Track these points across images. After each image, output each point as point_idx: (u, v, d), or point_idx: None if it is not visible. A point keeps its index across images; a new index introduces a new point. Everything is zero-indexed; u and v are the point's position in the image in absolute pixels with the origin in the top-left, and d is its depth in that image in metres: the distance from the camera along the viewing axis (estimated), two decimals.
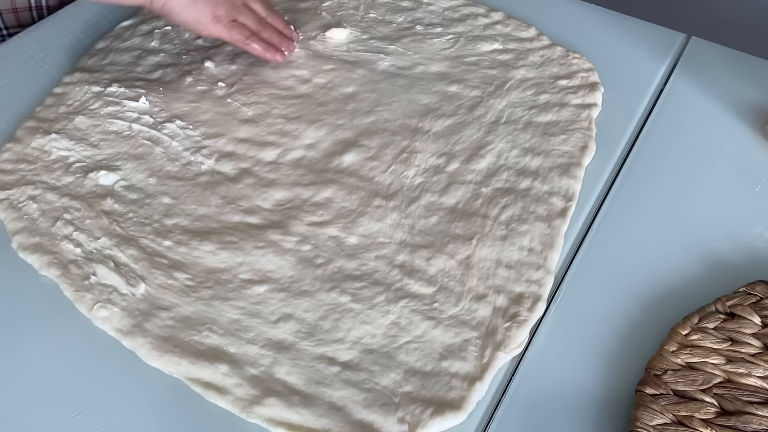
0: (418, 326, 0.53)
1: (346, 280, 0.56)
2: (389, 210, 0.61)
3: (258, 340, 0.52)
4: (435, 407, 0.48)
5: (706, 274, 0.57)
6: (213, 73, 0.73)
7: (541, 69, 0.74)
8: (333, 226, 0.59)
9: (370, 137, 0.67)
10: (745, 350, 0.50)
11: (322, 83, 0.72)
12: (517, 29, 0.78)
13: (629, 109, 0.71)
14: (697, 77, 0.74)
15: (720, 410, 0.48)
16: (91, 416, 0.49)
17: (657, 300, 0.56)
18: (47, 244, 0.57)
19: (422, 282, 0.56)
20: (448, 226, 0.60)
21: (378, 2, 0.82)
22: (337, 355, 0.51)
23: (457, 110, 0.69)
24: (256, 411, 0.48)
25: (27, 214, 0.59)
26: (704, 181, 0.64)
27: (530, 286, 0.55)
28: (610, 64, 0.74)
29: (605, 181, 0.64)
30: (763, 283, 0.54)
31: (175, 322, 0.53)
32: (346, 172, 0.64)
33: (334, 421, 0.48)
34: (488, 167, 0.64)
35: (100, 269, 0.55)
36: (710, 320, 0.52)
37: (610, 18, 0.81)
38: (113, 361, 0.51)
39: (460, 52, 0.75)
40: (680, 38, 0.78)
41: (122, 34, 0.77)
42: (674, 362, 0.50)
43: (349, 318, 0.53)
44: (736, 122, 0.69)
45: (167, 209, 0.60)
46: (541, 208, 0.61)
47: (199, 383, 0.50)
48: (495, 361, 0.51)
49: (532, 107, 0.70)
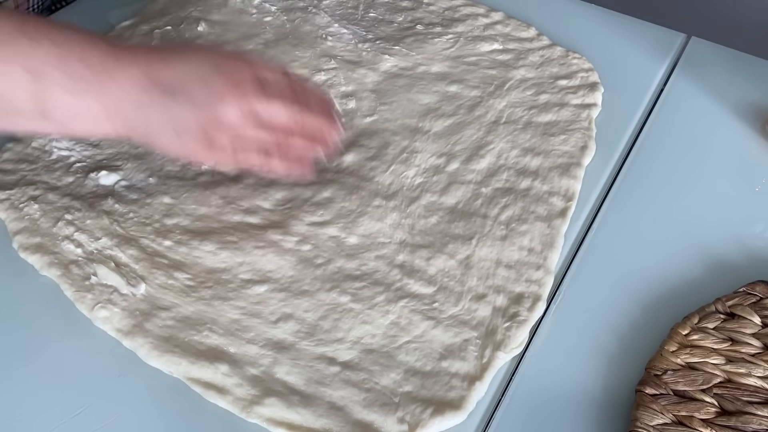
0: (418, 326, 0.53)
1: (346, 280, 0.56)
2: (389, 210, 0.61)
3: (258, 340, 0.52)
4: (435, 407, 0.48)
5: (706, 274, 0.57)
6: None
7: (541, 69, 0.74)
8: (333, 226, 0.59)
9: (370, 137, 0.67)
10: (745, 350, 0.50)
11: (322, 81, 0.72)
12: (517, 29, 0.78)
13: (629, 109, 0.71)
14: (697, 77, 0.74)
15: (720, 410, 0.48)
16: (91, 416, 0.49)
17: (657, 300, 0.56)
18: (48, 244, 0.57)
19: (422, 282, 0.56)
20: (448, 226, 0.60)
21: (378, 2, 0.82)
22: (337, 355, 0.51)
23: (457, 110, 0.69)
24: (256, 411, 0.48)
25: (28, 214, 0.59)
26: (704, 181, 0.64)
27: (530, 286, 0.55)
28: (610, 64, 0.74)
29: (605, 181, 0.65)
30: (763, 283, 0.54)
31: (176, 322, 0.53)
32: (346, 171, 0.64)
33: (334, 420, 0.48)
34: (488, 167, 0.64)
35: (101, 269, 0.55)
36: (710, 320, 0.52)
37: (610, 18, 0.81)
38: (113, 361, 0.51)
39: (460, 52, 0.76)
40: (680, 38, 0.78)
41: (122, 34, 0.77)
42: (674, 362, 0.50)
43: (349, 318, 0.53)
44: (736, 122, 0.69)
45: (168, 209, 0.60)
46: (541, 208, 0.61)
47: (199, 383, 0.50)
48: (495, 361, 0.51)
49: (532, 107, 0.70)
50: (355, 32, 0.78)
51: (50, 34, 0.48)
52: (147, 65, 0.50)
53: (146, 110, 0.50)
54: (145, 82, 0.49)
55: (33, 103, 0.48)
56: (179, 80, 0.50)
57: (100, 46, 0.50)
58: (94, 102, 0.49)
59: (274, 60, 0.74)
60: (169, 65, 0.51)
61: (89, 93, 0.48)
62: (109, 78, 0.49)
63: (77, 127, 0.51)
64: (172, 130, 0.50)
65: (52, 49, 0.48)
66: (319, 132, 0.54)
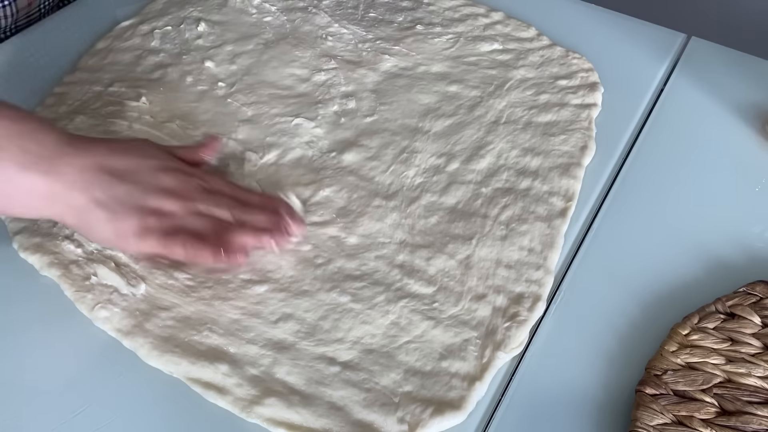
0: (417, 326, 0.53)
1: (346, 280, 0.56)
2: (389, 210, 0.61)
3: (258, 340, 0.52)
4: (435, 407, 0.48)
5: (706, 274, 0.57)
6: (213, 73, 0.73)
7: (540, 69, 0.74)
8: (333, 226, 0.59)
9: (370, 137, 0.67)
10: (745, 350, 0.51)
11: (322, 81, 0.72)
12: (517, 29, 0.78)
13: (629, 109, 0.71)
14: (697, 77, 0.74)
15: (720, 410, 0.48)
16: (91, 416, 0.49)
17: (657, 300, 0.56)
18: (48, 244, 0.57)
19: (422, 282, 0.56)
20: (448, 226, 0.60)
21: (378, 2, 0.82)
22: (337, 355, 0.51)
23: (457, 110, 0.69)
24: (256, 411, 0.48)
25: None
26: (704, 181, 0.64)
27: (530, 286, 0.55)
28: (610, 64, 0.74)
29: (605, 181, 0.65)
30: (763, 283, 0.54)
31: (176, 322, 0.53)
32: (346, 171, 0.64)
33: (334, 420, 0.48)
34: (488, 167, 0.64)
35: (101, 269, 0.55)
36: (710, 320, 0.52)
37: (610, 18, 0.81)
38: (113, 361, 0.51)
39: (460, 52, 0.76)
40: (680, 38, 0.78)
41: (122, 34, 0.77)
42: (674, 362, 0.50)
43: (349, 318, 0.53)
44: (736, 122, 0.69)
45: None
46: (541, 208, 0.61)
47: (199, 383, 0.50)
48: (495, 361, 0.51)
49: (532, 107, 0.70)
50: (355, 32, 0.78)
51: (9, 111, 0.51)
52: (99, 154, 0.53)
53: (90, 190, 0.51)
54: (95, 167, 0.52)
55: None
56: (128, 170, 0.53)
57: (54, 130, 0.52)
58: (43, 179, 0.50)
59: (274, 60, 0.74)
60: (120, 157, 0.54)
61: (38, 170, 0.50)
62: (61, 159, 0.51)
63: (18, 202, 0.52)
64: (110, 210, 0.51)
65: (9, 125, 0.50)
66: (262, 224, 0.55)
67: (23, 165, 0.49)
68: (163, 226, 0.52)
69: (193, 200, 0.54)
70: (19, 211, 0.54)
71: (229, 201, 0.55)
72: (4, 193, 0.50)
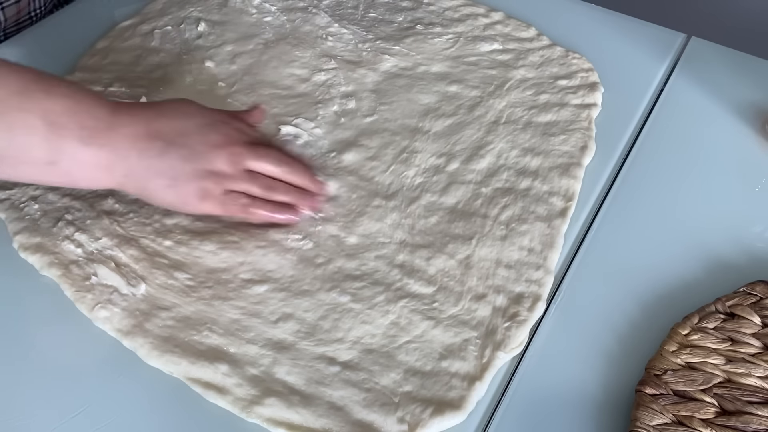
0: (417, 326, 0.53)
1: (346, 279, 0.56)
2: (389, 210, 0.61)
3: (258, 340, 0.52)
4: (435, 407, 0.48)
5: (706, 274, 0.57)
6: (213, 73, 0.73)
7: (540, 69, 0.74)
8: (333, 226, 0.59)
9: (370, 137, 0.67)
10: (745, 350, 0.51)
11: (322, 81, 0.72)
12: (517, 29, 0.78)
13: (629, 109, 0.71)
14: (697, 77, 0.74)
15: (720, 410, 0.48)
16: (91, 416, 0.49)
17: (657, 300, 0.56)
18: (48, 244, 0.57)
19: (422, 282, 0.56)
20: (448, 226, 0.60)
21: (378, 2, 0.82)
22: (337, 355, 0.51)
23: (457, 110, 0.69)
24: (256, 411, 0.48)
25: (28, 214, 0.59)
26: (704, 181, 0.64)
27: (530, 285, 0.55)
28: (610, 64, 0.74)
29: (605, 181, 0.65)
30: (763, 283, 0.54)
31: (176, 322, 0.53)
32: (346, 171, 0.64)
33: (334, 420, 0.48)
34: (488, 167, 0.64)
35: (101, 269, 0.55)
36: (710, 320, 0.52)
37: (610, 18, 0.81)
38: (113, 361, 0.51)
39: (460, 52, 0.76)
40: (680, 38, 0.78)
41: (122, 34, 0.77)
42: (674, 362, 0.50)
43: (349, 318, 0.53)
44: (736, 122, 0.69)
45: (168, 209, 0.60)
46: (541, 208, 0.61)
47: (199, 383, 0.50)
48: (495, 361, 0.51)
49: (532, 107, 0.70)
50: (355, 32, 0.78)
51: (61, 87, 0.52)
52: (147, 120, 0.55)
53: (146, 159, 0.53)
54: (146, 134, 0.54)
55: (46, 151, 0.51)
56: (178, 133, 0.55)
57: (104, 102, 0.54)
58: (101, 152, 0.52)
59: (274, 60, 0.74)
60: (168, 119, 0.55)
61: (97, 144, 0.52)
62: (114, 131, 0.53)
63: (81, 176, 0.53)
64: (169, 177, 0.54)
65: (65, 101, 0.51)
66: (307, 185, 0.60)
67: (83, 140, 0.51)
68: (220, 187, 0.55)
69: (242, 155, 0.56)
70: (84, 185, 0.56)
71: (274, 162, 0.58)
72: (67, 171, 0.52)
